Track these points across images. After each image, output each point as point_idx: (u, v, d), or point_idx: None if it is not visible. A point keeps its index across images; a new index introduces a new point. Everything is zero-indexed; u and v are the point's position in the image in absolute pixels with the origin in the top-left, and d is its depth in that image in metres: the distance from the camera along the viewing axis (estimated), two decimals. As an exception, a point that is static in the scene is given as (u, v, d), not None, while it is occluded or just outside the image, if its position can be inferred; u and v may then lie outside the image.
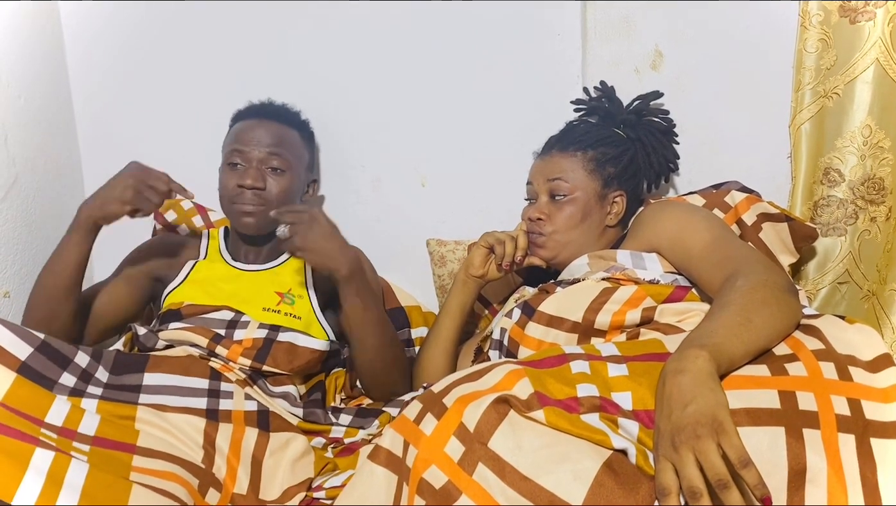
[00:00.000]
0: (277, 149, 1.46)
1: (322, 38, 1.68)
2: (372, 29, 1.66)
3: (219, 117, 1.56)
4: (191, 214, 1.72)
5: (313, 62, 1.69)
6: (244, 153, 1.45)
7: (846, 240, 1.51)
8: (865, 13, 1.42)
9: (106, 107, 1.76)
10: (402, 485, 0.88)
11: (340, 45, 1.68)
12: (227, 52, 1.71)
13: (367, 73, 1.69)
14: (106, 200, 1.32)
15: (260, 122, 1.49)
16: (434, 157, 1.70)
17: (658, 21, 1.56)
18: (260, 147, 1.45)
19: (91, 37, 1.73)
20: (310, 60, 1.69)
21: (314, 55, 1.69)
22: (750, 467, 0.74)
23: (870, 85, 1.44)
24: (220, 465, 1.10)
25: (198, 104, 1.72)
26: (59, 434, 0.99)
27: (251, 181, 1.42)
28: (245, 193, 1.43)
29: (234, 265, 1.49)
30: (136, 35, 1.72)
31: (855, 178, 1.48)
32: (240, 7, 1.68)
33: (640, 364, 0.94)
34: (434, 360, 1.40)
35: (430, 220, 1.72)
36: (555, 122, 1.50)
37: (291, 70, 1.69)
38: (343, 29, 1.67)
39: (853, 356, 0.92)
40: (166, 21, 1.71)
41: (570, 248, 1.33)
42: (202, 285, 1.44)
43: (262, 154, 1.45)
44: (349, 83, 1.69)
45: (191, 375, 1.20)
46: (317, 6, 1.67)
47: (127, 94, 1.75)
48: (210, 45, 1.71)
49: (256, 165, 1.45)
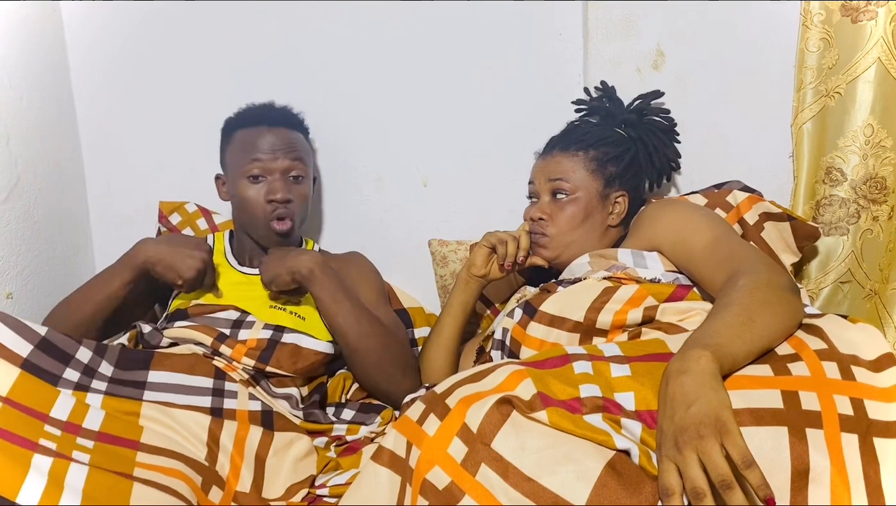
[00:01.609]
0: (296, 157, 1.47)
1: (323, 38, 1.68)
2: (374, 29, 1.66)
3: (220, 118, 1.56)
4: (195, 217, 1.72)
5: (315, 62, 1.69)
6: (266, 165, 1.44)
7: (848, 239, 1.51)
8: (867, 12, 1.42)
9: (108, 107, 1.76)
10: (406, 486, 0.88)
11: (342, 44, 1.68)
12: (229, 53, 1.71)
13: (368, 72, 1.69)
14: (171, 263, 1.33)
15: (271, 130, 1.47)
16: (436, 157, 1.71)
17: (659, 20, 1.56)
18: (281, 158, 1.44)
19: (93, 37, 1.73)
20: (311, 60, 1.69)
21: (315, 55, 1.69)
22: (753, 467, 0.74)
23: (871, 84, 1.45)
24: (223, 463, 1.11)
25: (199, 105, 1.72)
26: (63, 429, 0.99)
27: (281, 195, 1.43)
28: (278, 209, 1.43)
29: (240, 270, 1.49)
30: (138, 36, 1.72)
31: (857, 177, 1.48)
32: (241, 7, 1.68)
33: (643, 364, 0.94)
34: (436, 360, 1.40)
35: (432, 220, 1.73)
36: (556, 121, 1.50)
37: (293, 70, 1.69)
38: (345, 29, 1.67)
39: (856, 356, 0.92)
40: (168, 22, 1.71)
41: (573, 248, 1.33)
42: (209, 288, 1.44)
43: (284, 164, 1.44)
44: (351, 83, 1.69)
45: (195, 373, 1.20)
46: (318, 6, 1.67)
47: (129, 95, 1.75)
48: (212, 46, 1.71)
49: (280, 177, 1.44)
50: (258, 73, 1.69)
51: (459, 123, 1.68)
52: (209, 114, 1.58)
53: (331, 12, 1.67)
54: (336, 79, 1.69)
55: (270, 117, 1.50)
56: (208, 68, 1.72)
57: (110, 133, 1.77)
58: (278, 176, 1.44)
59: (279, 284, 1.36)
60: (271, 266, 1.36)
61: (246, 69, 1.70)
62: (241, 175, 1.45)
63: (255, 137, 1.46)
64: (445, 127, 1.69)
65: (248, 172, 1.44)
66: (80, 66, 1.74)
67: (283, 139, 1.46)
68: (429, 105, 1.68)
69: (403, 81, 1.68)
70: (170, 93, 1.74)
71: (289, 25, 1.68)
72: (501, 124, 1.66)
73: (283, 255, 1.37)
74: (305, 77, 1.69)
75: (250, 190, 1.44)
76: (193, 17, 1.70)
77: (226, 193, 1.52)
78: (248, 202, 1.44)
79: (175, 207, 1.72)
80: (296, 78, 1.69)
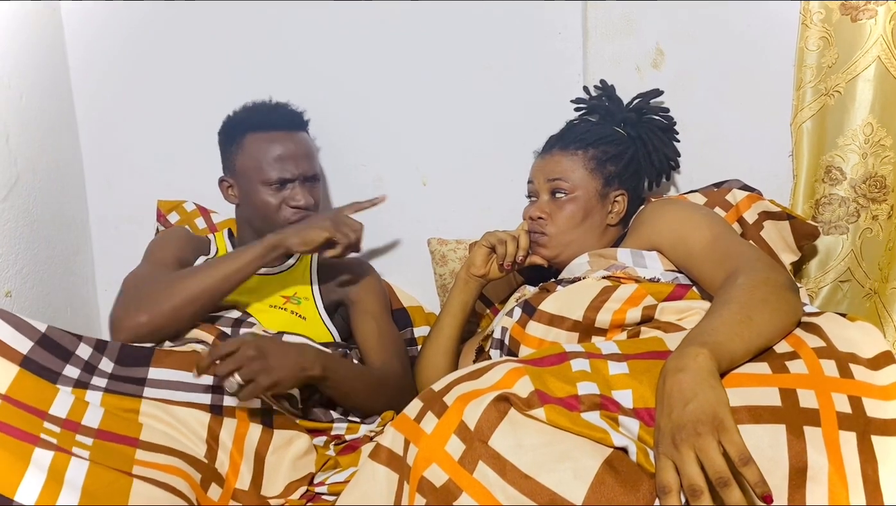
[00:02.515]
0: (313, 161, 1.48)
1: (324, 37, 1.68)
2: (373, 28, 1.66)
3: (220, 117, 1.55)
4: (194, 216, 1.72)
5: (314, 61, 1.69)
6: (288, 173, 1.44)
7: (848, 238, 1.51)
8: (867, 11, 1.42)
9: (107, 106, 1.76)
10: (403, 484, 0.88)
11: (342, 44, 1.68)
12: (229, 52, 1.71)
13: (368, 72, 1.69)
14: (303, 229, 1.33)
15: (288, 135, 1.47)
16: (435, 156, 1.71)
17: (659, 19, 1.56)
18: (301, 164, 1.45)
19: (92, 36, 1.73)
20: (311, 60, 1.69)
21: (315, 54, 1.69)
22: (751, 464, 0.74)
23: (871, 83, 1.44)
24: (222, 460, 1.11)
25: (199, 104, 1.72)
26: (62, 427, 0.99)
27: (305, 202, 1.44)
28: (298, 212, 1.44)
29: None
30: (137, 34, 1.73)
31: (856, 176, 1.48)
32: (241, 6, 1.68)
33: (641, 362, 0.94)
34: (435, 359, 1.40)
35: (432, 219, 1.73)
36: (556, 120, 1.50)
37: (293, 69, 1.70)
38: (345, 28, 1.67)
39: (854, 354, 0.92)
40: (167, 20, 1.71)
41: (572, 247, 1.33)
42: None
43: (302, 169, 1.45)
44: (351, 82, 1.70)
45: None
46: (319, 6, 1.67)
47: (128, 94, 1.75)
48: (211, 45, 1.71)
49: (300, 182, 1.45)
50: (258, 72, 1.69)
51: (459, 122, 1.68)
52: (209, 113, 1.58)
53: (331, 12, 1.67)
54: (336, 78, 1.70)
55: (281, 121, 1.49)
56: (208, 67, 1.72)
57: (110, 132, 1.77)
58: (299, 183, 1.45)
59: (287, 387, 1.20)
60: (274, 364, 1.14)
61: (246, 69, 1.70)
62: (260, 182, 1.44)
63: (271, 144, 1.45)
64: (445, 126, 1.69)
65: (268, 180, 1.44)
66: (80, 65, 1.75)
67: (300, 145, 1.47)
68: (428, 104, 1.68)
69: (403, 81, 1.68)
70: (169, 92, 1.74)
71: (289, 25, 1.69)
72: (501, 123, 1.66)
73: (277, 346, 1.19)
74: (305, 77, 1.69)
75: (271, 197, 1.44)
76: (193, 16, 1.70)
77: (234, 197, 1.51)
78: (268, 208, 1.44)
79: (173, 206, 1.72)
80: (296, 78, 1.69)
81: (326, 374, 1.24)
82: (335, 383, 1.27)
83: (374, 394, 1.35)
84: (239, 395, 1.10)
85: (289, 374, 1.16)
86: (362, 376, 1.35)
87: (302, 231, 1.33)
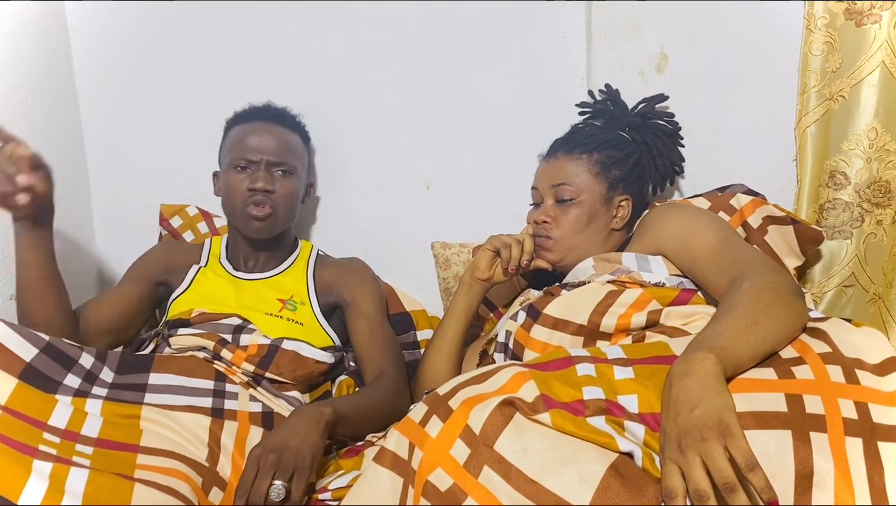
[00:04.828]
0: (284, 152, 1.47)
1: (326, 39, 1.68)
2: (376, 30, 1.66)
3: (224, 119, 1.56)
4: (196, 220, 1.72)
5: (317, 64, 1.69)
6: (251, 156, 1.45)
7: (852, 243, 1.51)
8: (871, 16, 1.42)
9: (111, 108, 1.76)
10: (408, 487, 0.87)
11: (345, 46, 1.68)
12: (233, 54, 1.71)
13: (371, 75, 1.69)
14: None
15: (264, 125, 1.49)
16: (438, 159, 1.70)
17: (663, 23, 1.56)
18: (267, 150, 1.46)
19: (96, 37, 1.73)
20: (314, 62, 1.69)
21: (318, 57, 1.69)
22: (757, 470, 0.74)
23: (875, 88, 1.44)
24: (224, 463, 1.11)
25: (203, 106, 1.72)
26: (62, 437, 0.99)
27: (262, 184, 1.43)
28: (256, 196, 1.43)
29: (234, 275, 1.49)
30: (142, 36, 1.73)
31: (861, 181, 1.48)
32: (245, 8, 1.68)
33: (646, 367, 0.93)
34: (438, 362, 1.40)
35: (435, 222, 1.72)
36: (560, 124, 1.50)
37: (296, 72, 1.70)
38: (347, 30, 1.67)
39: (860, 359, 0.91)
40: (171, 22, 1.71)
41: (576, 251, 1.33)
42: (207, 295, 1.44)
43: (269, 157, 1.46)
44: (353, 85, 1.70)
45: (196, 375, 1.21)
46: (321, 7, 1.67)
47: (132, 96, 1.75)
48: (215, 47, 1.71)
49: (265, 168, 1.45)
50: (262, 75, 1.69)
51: (462, 126, 1.68)
52: (213, 116, 1.58)
53: (333, 14, 1.67)
54: (339, 81, 1.70)
55: (267, 115, 1.52)
56: (212, 70, 1.72)
57: (114, 134, 1.77)
58: (262, 167, 1.45)
59: (321, 448, 1.13)
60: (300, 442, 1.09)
61: (250, 71, 1.70)
62: (228, 165, 1.47)
63: (246, 131, 1.48)
64: (448, 130, 1.69)
65: (235, 163, 1.46)
66: (84, 68, 1.75)
67: (275, 135, 1.48)
68: (432, 108, 1.68)
69: (406, 84, 1.68)
70: (173, 94, 1.74)
71: (293, 28, 1.69)
72: (504, 127, 1.66)
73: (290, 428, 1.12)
74: (308, 79, 1.69)
75: (234, 179, 1.45)
76: (198, 19, 1.70)
77: (219, 189, 1.53)
78: (230, 189, 1.46)
79: (176, 210, 1.72)
80: (298, 80, 1.69)
81: (338, 408, 1.18)
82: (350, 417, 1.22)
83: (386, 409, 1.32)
84: (293, 492, 1.05)
85: (312, 438, 1.11)
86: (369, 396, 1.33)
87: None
